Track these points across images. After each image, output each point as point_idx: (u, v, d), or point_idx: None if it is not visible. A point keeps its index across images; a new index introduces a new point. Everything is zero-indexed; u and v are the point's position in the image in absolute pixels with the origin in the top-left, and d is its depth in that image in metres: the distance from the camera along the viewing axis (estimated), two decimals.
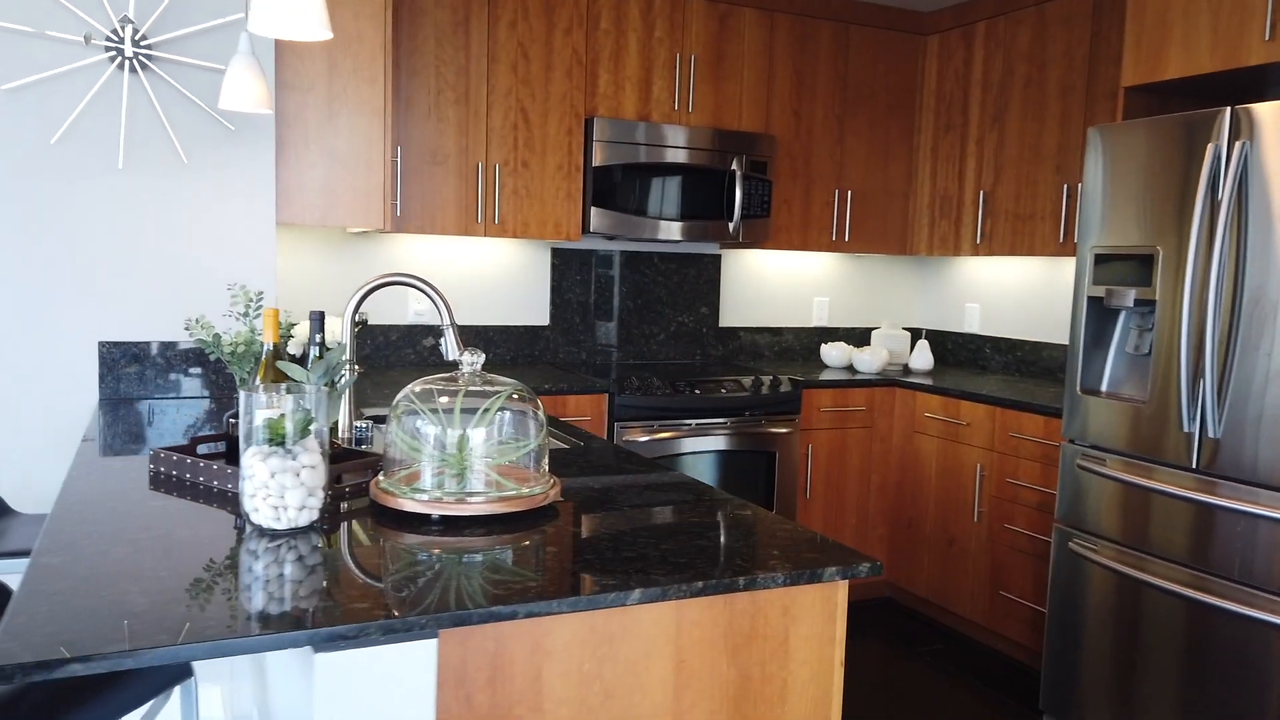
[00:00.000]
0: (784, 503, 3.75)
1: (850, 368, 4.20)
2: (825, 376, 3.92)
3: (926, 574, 3.82)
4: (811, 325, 4.55)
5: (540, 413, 1.72)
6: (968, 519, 3.62)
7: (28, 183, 2.48)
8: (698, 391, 3.57)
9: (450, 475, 1.59)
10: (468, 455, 1.58)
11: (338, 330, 3.19)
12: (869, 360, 4.07)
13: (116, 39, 2.50)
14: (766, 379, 3.73)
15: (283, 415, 1.45)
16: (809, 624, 1.40)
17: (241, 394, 1.44)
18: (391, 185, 2.95)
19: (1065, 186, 3.57)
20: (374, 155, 2.92)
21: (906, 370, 4.21)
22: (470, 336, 3.83)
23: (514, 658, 1.22)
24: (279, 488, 1.42)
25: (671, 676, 1.32)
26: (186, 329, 1.88)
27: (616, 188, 3.61)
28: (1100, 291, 2.79)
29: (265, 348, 1.81)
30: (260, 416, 1.43)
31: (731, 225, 3.81)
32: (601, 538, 1.48)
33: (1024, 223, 3.75)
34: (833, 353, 4.25)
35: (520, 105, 3.50)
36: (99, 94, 2.52)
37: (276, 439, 1.43)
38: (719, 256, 4.28)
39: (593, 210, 3.59)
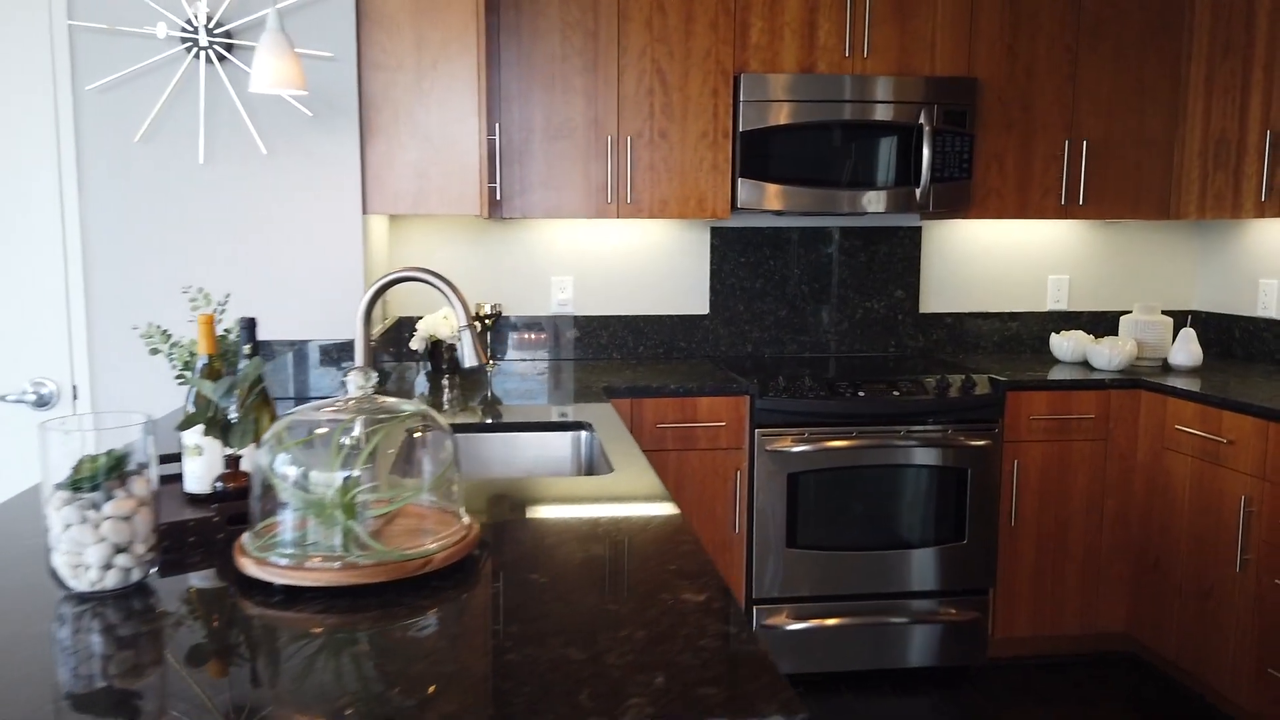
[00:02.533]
0: (980, 532, 3.06)
1: (1085, 364, 3.37)
2: (1053, 374, 3.15)
3: (1176, 631, 2.96)
4: (1046, 310, 3.72)
5: (448, 446, 1.35)
6: (1228, 567, 2.73)
7: (118, 185, 2.49)
8: (862, 393, 2.98)
9: (319, 528, 1.26)
10: (332, 503, 1.25)
11: (455, 326, 2.98)
12: (1107, 354, 3.22)
13: (191, 29, 2.43)
14: (957, 379, 3.05)
15: (102, 453, 1.20)
16: None
17: (40, 429, 1.21)
18: (488, 167, 2.69)
19: None
20: (467, 134, 2.67)
21: (1165, 367, 3.30)
22: (617, 328, 3.50)
23: None
24: (73, 543, 1.17)
25: None
26: (143, 335, 1.71)
27: (772, 155, 3.10)
28: None
29: (200, 361, 1.58)
30: (59, 453, 1.19)
31: (919, 191, 3.15)
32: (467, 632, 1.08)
33: None
34: (1065, 344, 3.43)
35: (657, 66, 3.10)
36: (178, 88, 2.47)
37: (80, 483, 1.19)
38: (918, 229, 3.60)
39: (740, 182, 3.11)
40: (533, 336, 3.45)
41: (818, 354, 3.59)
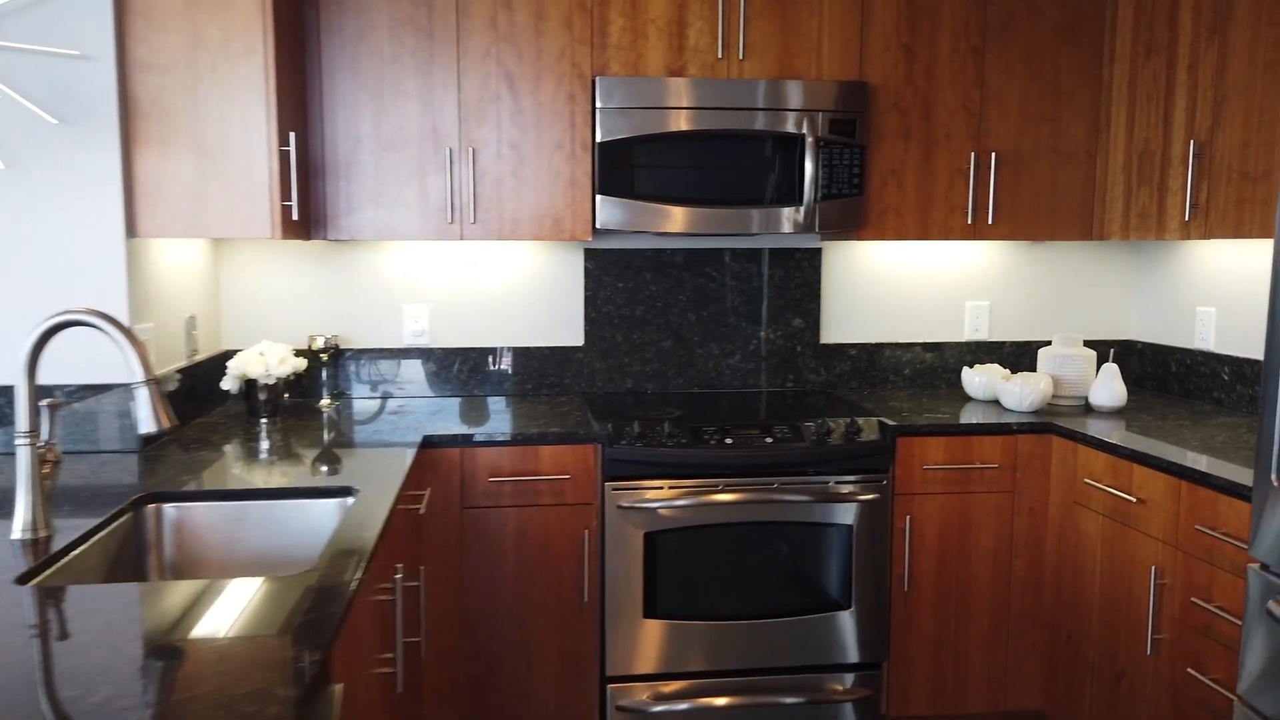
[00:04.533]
0: (868, 598, 2.68)
1: (999, 403, 2.99)
2: (965, 414, 2.77)
3: (1089, 716, 2.57)
4: (964, 340, 3.35)
5: None
6: (1140, 646, 2.34)
7: None
8: (730, 440, 2.61)
9: None
10: None
11: (272, 363, 2.63)
12: (1018, 393, 2.84)
13: None
14: (840, 423, 2.67)
15: None
16: None
17: None
18: (282, 182, 2.34)
19: None
20: (255, 146, 2.31)
21: (1088, 407, 2.93)
22: (479, 362, 3.13)
23: None
24: None
25: None
26: None
27: (636, 169, 2.73)
28: None
29: None
30: None
31: (803, 210, 2.79)
32: None
33: (1256, 187, 2.38)
34: (977, 380, 3.05)
35: (504, 69, 2.74)
36: None
37: None
38: (818, 251, 3.23)
39: (598, 200, 2.74)
40: (375, 373, 3.09)
41: (707, 389, 3.22)
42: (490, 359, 3.12)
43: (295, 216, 2.39)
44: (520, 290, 3.14)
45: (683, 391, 3.20)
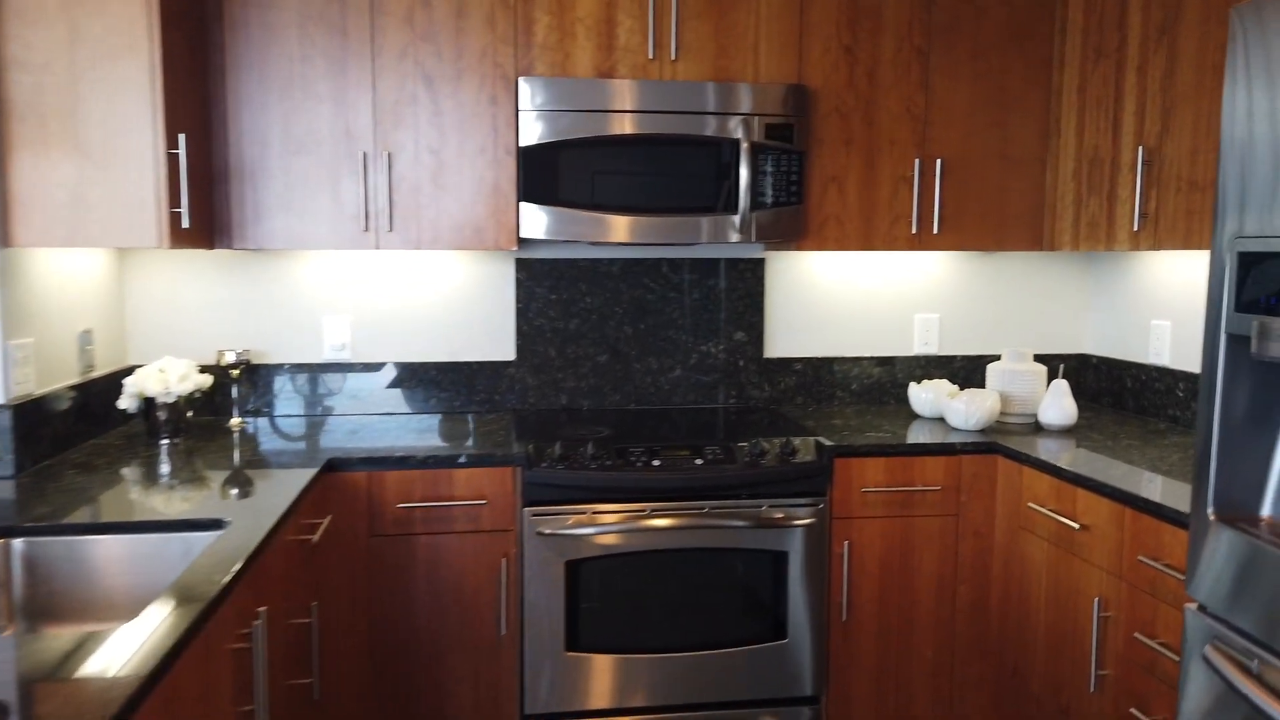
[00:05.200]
0: (806, 627, 2.54)
1: (945, 421, 2.86)
2: (912, 433, 2.64)
3: None
4: (913, 354, 3.22)
5: None
6: (1083, 682, 2.21)
7: None
8: (658, 463, 2.46)
9: None
10: None
11: (172, 380, 2.47)
12: (964, 411, 2.72)
13: None
14: (775, 443, 2.54)
15: None
16: None
17: None
18: (171, 188, 2.18)
19: None
20: (140, 150, 2.15)
21: (1038, 426, 2.80)
22: (404, 377, 2.98)
23: None
24: None
25: None
26: None
27: (562, 175, 2.59)
28: (1247, 327, 1.40)
29: None
30: None
31: (738, 219, 2.65)
32: None
33: (1204, 196, 2.26)
34: (924, 396, 2.93)
35: (422, 69, 2.59)
36: None
37: None
38: (761, 262, 3.10)
39: (523, 207, 2.60)
40: (293, 390, 2.93)
41: (645, 406, 3.08)
42: (407, 374, 2.97)
43: (186, 224, 2.23)
44: (448, 301, 2.99)
45: (619, 408, 3.05)
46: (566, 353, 3.04)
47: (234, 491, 2.01)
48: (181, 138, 2.20)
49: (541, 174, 2.59)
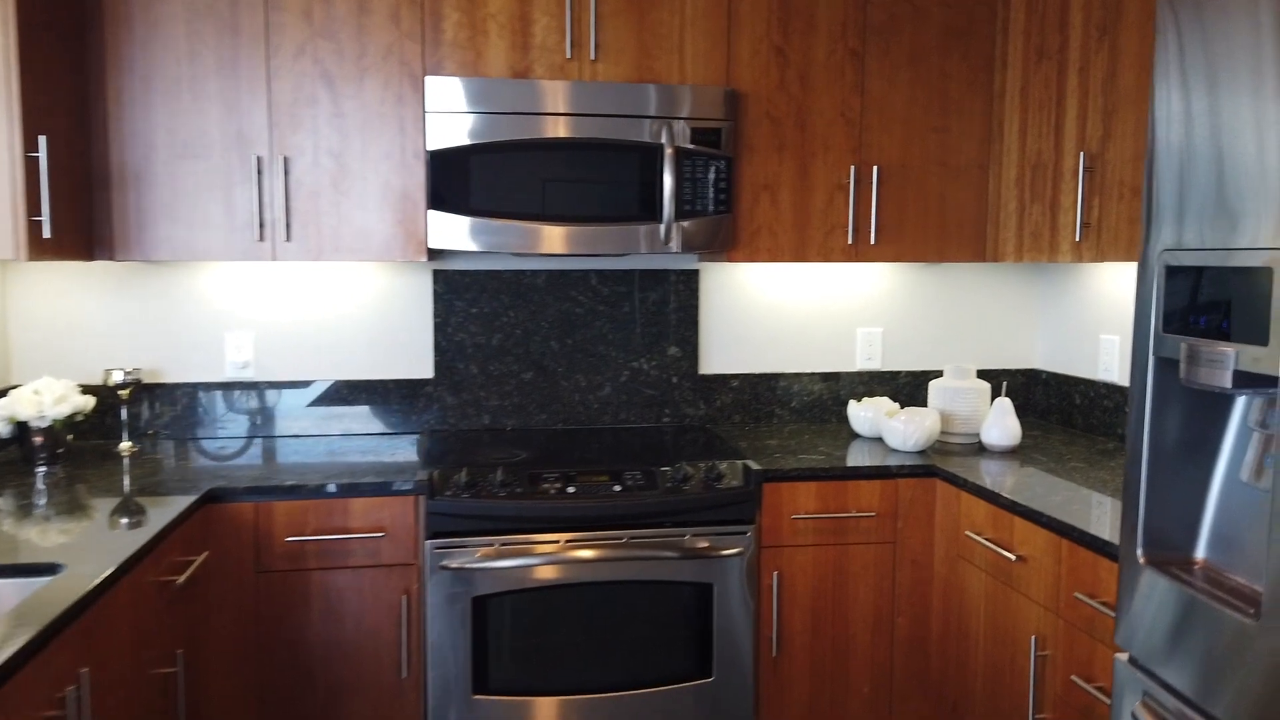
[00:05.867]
0: (732, 665, 2.37)
1: (884, 441, 2.71)
2: (852, 455, 2.49)
3: None
4: (856, 369, 3.07)
5: None
6: None
7: None
8: (572, 489, 2.29)
9: None
10: None
11: (47, 403, 2.28)
12: (902, 431, 2.57)
13: None
14: (699, 467, 2.37)
15: None
16: None
17: None
18: (29, 194, 2.00)
19: None
20: None
21: (980, 446, 2.66)
22: (311, 396, 2.79)
23: None
24: None
25: None
26: None
27: (474, 181, 2.42)
28: (1176, 349, 1.26)
29: None
30: None
31: (661, 228, 2.49)
32: None
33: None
34: (863, 415, 2.78)
35: (322, 68, 2.42)
36: None
37: None
38: (695, 273, 2.94)
39: (431, 215, 2.43)
40: (190, 412, 2.73)
41: (574, 426, 2.91)
42: (319, 392, 2.79)
43: (48, 234, 2.04)
44: (361, 316, 2.81)
45: (546, 429, 2.88)
46: (489, 370, 2.87)
47: (89, 527, 1.82)
48: (42, 140, 2.01)
49: (453, 180, 2.42)
